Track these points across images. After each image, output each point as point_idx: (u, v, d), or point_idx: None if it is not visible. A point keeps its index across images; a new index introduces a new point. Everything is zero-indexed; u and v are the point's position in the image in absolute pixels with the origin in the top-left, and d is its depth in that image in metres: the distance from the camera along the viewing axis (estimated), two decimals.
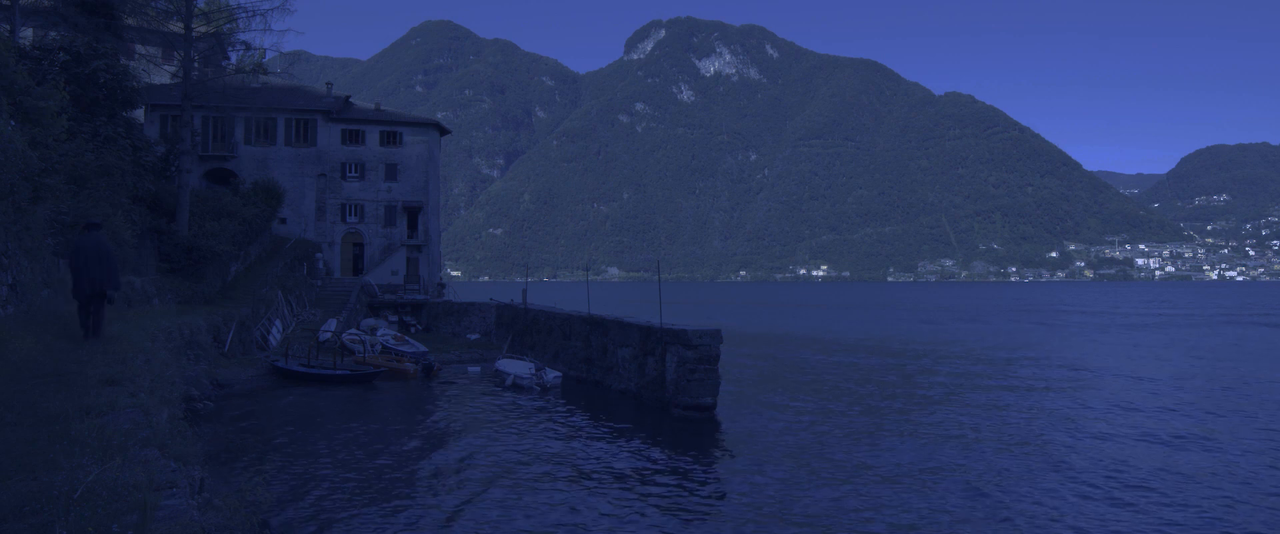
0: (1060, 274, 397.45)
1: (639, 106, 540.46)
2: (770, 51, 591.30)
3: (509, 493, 14.51)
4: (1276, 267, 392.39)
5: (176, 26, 33.22)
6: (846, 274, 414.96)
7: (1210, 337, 55.27)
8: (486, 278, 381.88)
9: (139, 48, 37.28)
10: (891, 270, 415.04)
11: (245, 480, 11.45)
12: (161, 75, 40.27)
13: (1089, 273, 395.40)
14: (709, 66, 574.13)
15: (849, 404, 25.40)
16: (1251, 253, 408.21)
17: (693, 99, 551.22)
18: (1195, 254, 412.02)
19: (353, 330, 36.62)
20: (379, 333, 37.02)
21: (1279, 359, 40.14)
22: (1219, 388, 29.73)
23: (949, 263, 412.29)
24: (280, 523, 12.26)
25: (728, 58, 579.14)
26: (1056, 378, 32.62)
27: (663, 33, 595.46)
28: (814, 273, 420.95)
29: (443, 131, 52.34)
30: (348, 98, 51.81)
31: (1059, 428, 21.66)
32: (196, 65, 34.14)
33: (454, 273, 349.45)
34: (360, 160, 48.32)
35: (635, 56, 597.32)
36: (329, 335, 34.26)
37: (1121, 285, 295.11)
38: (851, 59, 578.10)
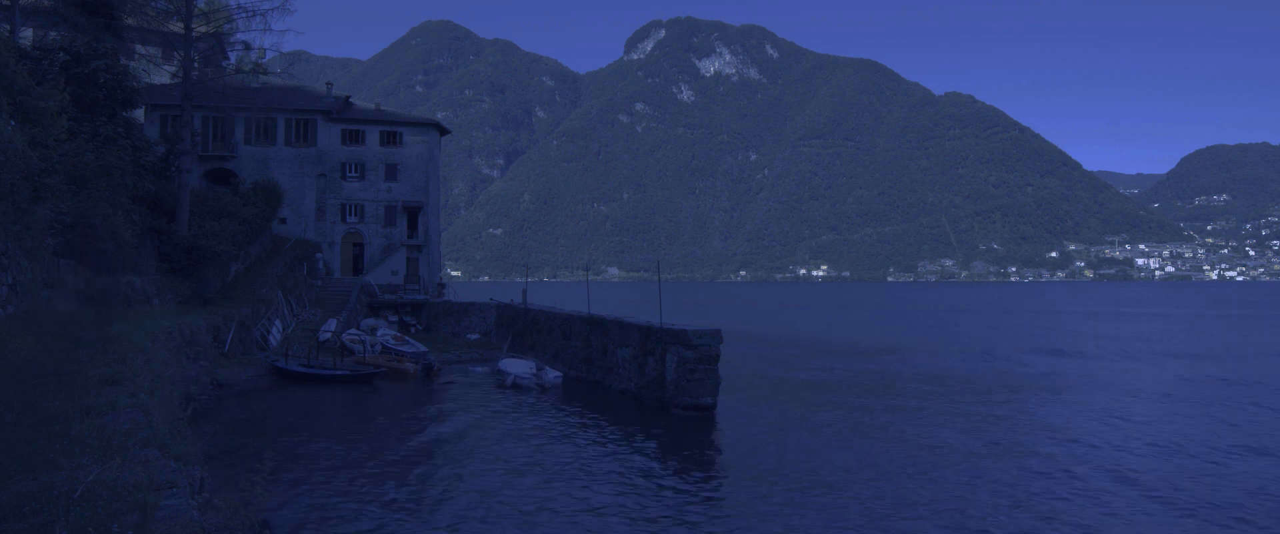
0: (1060, 274, 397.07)
1: (639, 106, 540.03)
2: (770, 51, 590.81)
3: (508, 493, 14.51)
4: (1276, 266, 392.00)
5: (176, 26, 33.21)
6: (846, 274, 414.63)
7: None
8: (486, 278, 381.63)
9: (139, 48, 37.26)
10: (891, 270, 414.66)
11: (245, 480, 11.45)
12: (161, 75, 40.24)
13: (1089, 273, 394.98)
14: (709, 66, 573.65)
15: (849, 404, 25.39)
16: (1251, 253, 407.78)
17: (693, 99, 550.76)
18: (1195, 254, 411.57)
19: (353, 330, 36.60)
20: (379, 333, 37.00)
21: None
22: None
23: (949, 263, 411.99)
24: (280, 523, 12.26)
25: (728, 58, 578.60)
26: None
27: (663, 33, 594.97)
28: (814, 273, 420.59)
29: (443, 131, 52.32)
30: (348, 98, 51.79)
31: (1074, 434, 21.66)
32: (196, 65, 34.13)
33: (454, 273, 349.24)
34: (360, 160, 48.31)
35: (635, 56, 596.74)
36: (329, 335, 34.25)
37: (1123, 285, 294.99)
38: (851, 59, 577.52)
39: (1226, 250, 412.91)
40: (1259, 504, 14.34)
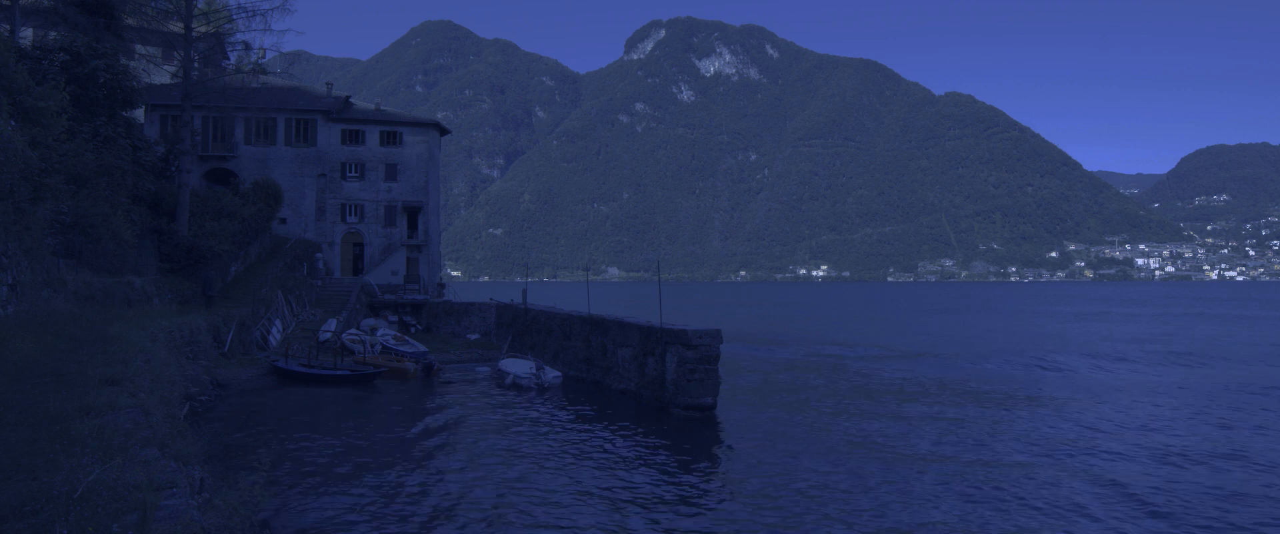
0: (1060, 274, 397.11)
1: (639, 106, 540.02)
2: (770, 51, 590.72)
3: (508, 493, 14.51)
4: (1276, 267, 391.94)
5: (176, 26, 33.23)
6: (846, 274, 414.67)
7: None
8: (486, 278, 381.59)
9: (139, 48, 37.27)
10: (892, 270, 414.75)
11: (245, 480, 11.46)
12: (161, 75, 40.27)
13: (1089, 273, 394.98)
14: (709, 66, 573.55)
15: (850, 406, 25.40)
16: (1251, 253, 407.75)
17: (693, 99, 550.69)
18: (1195, 254, 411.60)
19: (353, 330, 36.60)
20: (379, 333, 37.00)
21: None
22: None
23: (949, 263, 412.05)
24: (280, 523, 12.26)
25: (728, 58, 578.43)
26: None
27: (663, 33, 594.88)
28: (814, 273, 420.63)
29: (443, 131, 52.34)
30: (348, 98, 51.80)
31: (1078, 438, 21.67)
32: (196, 65, 34.16)
33: (454, 273, 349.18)
34: (360, 160, 48.32)
35: (635, 56, 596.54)
36: (329, 335, 34.24)
37: (1124, 285, 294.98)
38: (851, 59, 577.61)
39: (1226, 250, 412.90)
40: (1250, 506, 14.37)
